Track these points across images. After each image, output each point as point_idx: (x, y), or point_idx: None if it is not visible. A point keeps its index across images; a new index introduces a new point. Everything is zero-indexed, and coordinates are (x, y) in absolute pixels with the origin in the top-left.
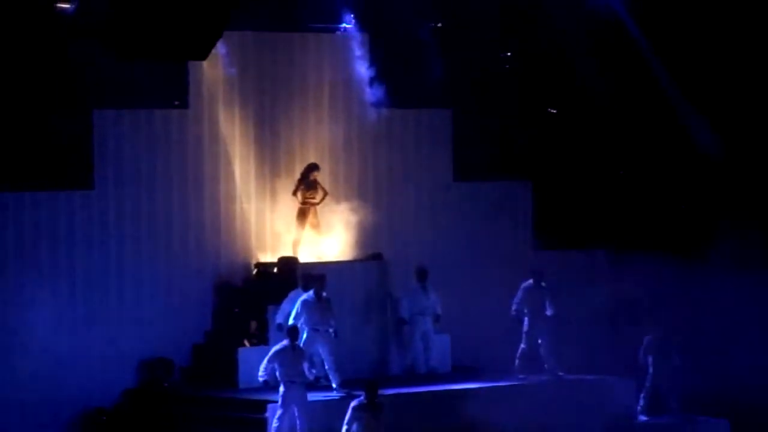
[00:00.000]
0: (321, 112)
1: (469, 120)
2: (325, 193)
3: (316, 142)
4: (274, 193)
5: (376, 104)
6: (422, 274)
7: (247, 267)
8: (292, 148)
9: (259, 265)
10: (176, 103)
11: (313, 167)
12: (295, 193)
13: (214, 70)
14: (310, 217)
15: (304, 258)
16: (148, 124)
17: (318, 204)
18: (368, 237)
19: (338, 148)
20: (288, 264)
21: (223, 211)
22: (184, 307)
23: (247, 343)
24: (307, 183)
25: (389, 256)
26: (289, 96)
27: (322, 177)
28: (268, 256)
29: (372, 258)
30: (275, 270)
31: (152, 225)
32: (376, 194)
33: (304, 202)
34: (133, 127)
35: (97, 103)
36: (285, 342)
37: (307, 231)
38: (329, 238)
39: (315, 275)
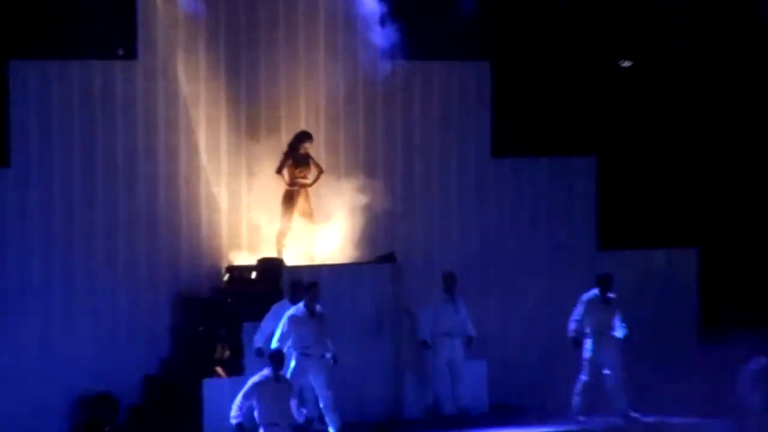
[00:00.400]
0: (315, 62)
1: (513, 76)
2: (320, 171)
3: (307, 102)
4: (251, 172)
5: (390, 53)
6: (450, 282)
7: (215, 272)
8: (276, 111)
9: (231, 269)
10: (120, 52)
11: (303, 137)
12: (280, 171)
13: (170, 6)
14: (300, 203)
15: (291, 259)
16: (82, 79)
17: (310, 185)
18: (378, 229)
19: (337, 111)
20: (270, 267)
21: (184, 196)
22: (132, 328)
23: (218, 373)
24: (296, 158)
25: (405, 256)
26: (271, 40)
27: (316, 149)
28: (244, 258)
29: (383, 259)
30: (253, 276)
31: (88, 216)
32: (387, 173)
33: (292, 183)
34: (62, 84)
35: (14, 52)
36: (266, 371)
37: (297, 221)
38: (325, 229)
39: (306, 283)
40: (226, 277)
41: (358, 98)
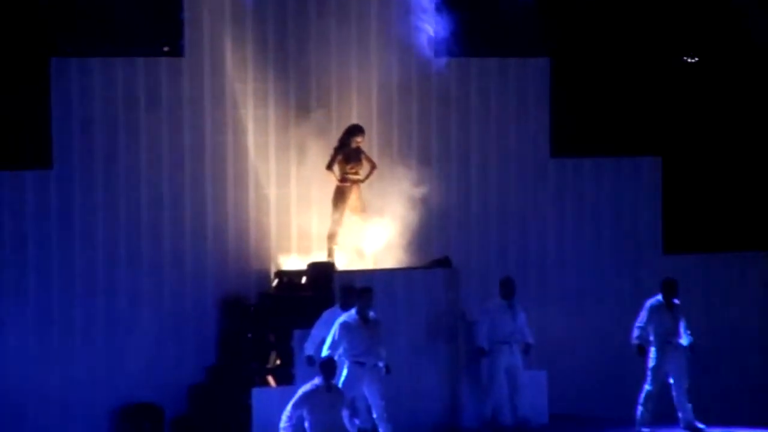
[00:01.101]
0: (367, 56)
1: (573, 73)
2: (373, 166)
3: (359, 96)
4: (301, 172)
5: (446, 47)
6: (508, 287)
7: (264, 277)
8: (326, 108)
9: (281, 274)
10: (166, 48)
11: (354, 131)
12: (330, 167)
13: (217, 1)
14: (352, 200)
15: (342, 261)
16: (126, 77)
17: (363, 181)
18: (432, 230)
19: (390, 107)
20: (321, 272)
21: (232, 198)
22: (177, 335)
23: (269, 382)
24: (346, 153)
25: (461, 261)
26: (321, 32)
27: (368, 145)
28: (294, 261)
29: (438, 264)
30: (303, 281)
31: (132, 219)
32: (442, 172)
33: (343, 179)
34: (105, 82)
35: (55, 49)
36: (317, 380)
37: (348, 219)
38: (377, 227)
39: (358, 288)
40: (275, 282)
41: (412, 94)
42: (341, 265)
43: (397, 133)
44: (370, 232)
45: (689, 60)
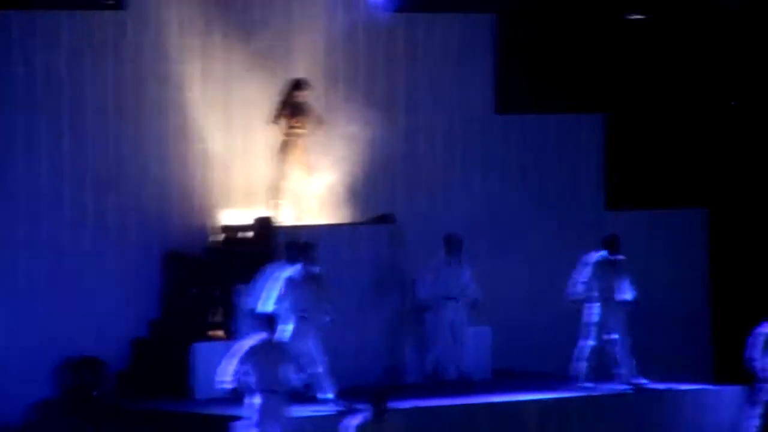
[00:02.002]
0: (312, 7)
1: (516, 28)
2: (320, 121)
3: (303, 50)
4: (246, 126)
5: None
6: (453, 243)
7: (207, 231)
8: (271, 59)
9: (225, 228)
10: (110, 1)
11: (299, 84)
12: (275, 120)
13: None
14: (297, 154)
15: (287, 216)
16: (69, 30)
17: (309, 134)
18: (377, 187)
19: (336, 61)
20: (265, 227)
21: (174, 151)
22: (119, 289)
23: (217, 336)
24: (292, 106)
25: (406, 217)
26: None
27: (315, 98)
28: (238, 216)
29: (381, 220)
30: (248, 235)
31: (75, 171)
32: (387, 128)
33: (288, 133)
34: (48, 36)
35: None
36: (262, 335)
37: (293, 173)
38: (321, 183)
39: (303, 243)
40: (219, 237)
41: (358, 49)
42: (286, 219)
43: (342, 90)
44: (315, 186)
45: (634, 18)
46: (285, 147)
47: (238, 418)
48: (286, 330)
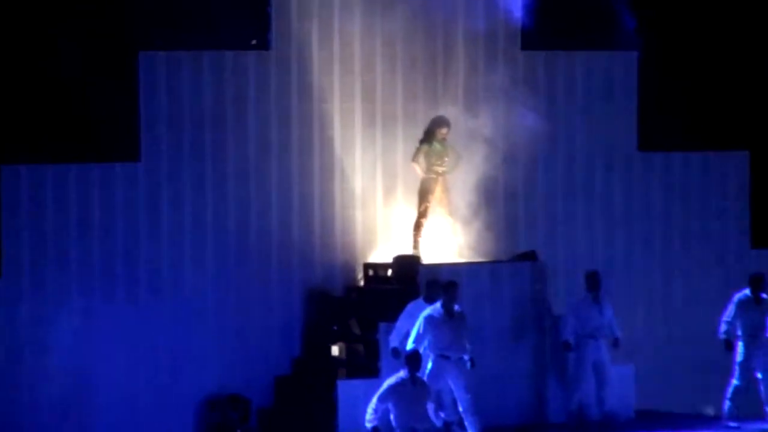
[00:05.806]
0: (453, 49)
1: (661, 66)
2: (459, 159)
3: (446, 91)
4: (387, 167)
5: (531, 41)
6: (594, 281)
7: (350, 269)
8: (413, 102)
9: (367, 267)
10: (253, 41)
11: (440, 122)
12: (415, 160)
13: None
14: (438, 193)
15: (428, 255)
16: (213, 70)
17: (448, 173)
18: (518, 225)
19: (477, 100)
20: (407, 265)
21: (318, 192)
22: (263, 328)
23: (354, 374)
24: (432, 145)
25: (547, 255)
26: (409, 29)
27: (453, 137)
28: (380, 255)
29: (524, 258)
30: (389, 274)
31: (218, 212)
32: (528, 165)
33: (429, 171)
34: (192, 76)
35: (143, 43)
36: (402, 373)
37: (434, 213)
38: (463, 222)
39: (443, 282)
40: (361, 275)
41: (497, 86)
42: (427, 258)
43: (482, 127)
44: (456, 225)
45: None
46: (426, 185)
47: None
48: (426, 368)
